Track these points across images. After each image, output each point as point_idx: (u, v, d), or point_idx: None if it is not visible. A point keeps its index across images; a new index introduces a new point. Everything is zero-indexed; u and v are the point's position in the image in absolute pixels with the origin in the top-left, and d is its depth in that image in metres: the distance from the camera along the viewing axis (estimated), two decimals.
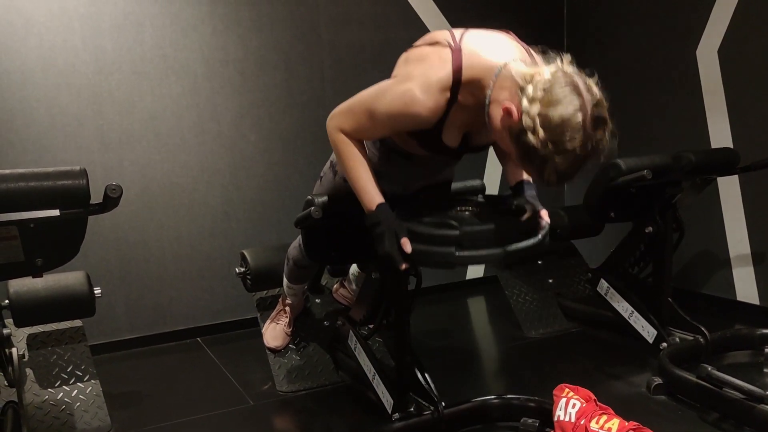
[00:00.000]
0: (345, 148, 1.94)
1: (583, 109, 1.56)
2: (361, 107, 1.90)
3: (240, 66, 3.47)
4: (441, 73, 1.76)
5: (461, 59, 1.76)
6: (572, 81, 1.59)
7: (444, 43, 1.80)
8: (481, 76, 1.75)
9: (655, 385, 2.59)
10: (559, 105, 1.55)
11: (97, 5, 3.13)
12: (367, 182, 1.92)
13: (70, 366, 2.56)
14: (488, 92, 1.73)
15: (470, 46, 1.79)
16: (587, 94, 1.58)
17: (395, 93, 1.80)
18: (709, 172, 3.01)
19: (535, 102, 1.56)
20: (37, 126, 3.08)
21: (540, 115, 1.56)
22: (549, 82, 1.58)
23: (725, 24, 3.39)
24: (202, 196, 3.45)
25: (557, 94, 1.56)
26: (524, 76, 1.62)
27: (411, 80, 1.79)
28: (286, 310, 2.87)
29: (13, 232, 1.81)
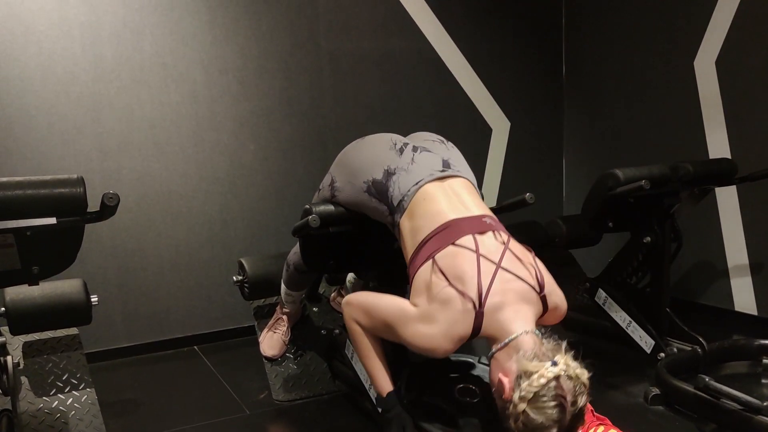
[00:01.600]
0: (358, 338, 2.09)
1: (561, 423, 1.72)
2: (379, 317, 2.01)
3: (239, 75, 3.48)
4: (463, 329, 1.87)
5: (482, 321, 1.86)
6: (562, 393, 1.71)
7: (468, 301, 1.86)
8: (496, 335, 1.88)
9: (652, 395, 2.58)
10: (541, 413, 1.70)
11: (96, 14, 3.15)
12: (378, 371, 2.08)
13: (66, 374, 2.54)
14: (495, 347, 1.87)
15: (493, 307, 1.87)
16: (570, 406, 1.72)
17: (419, 332, 1.90)
18: (707, 183, 3.01)
19: (524, 401, 1.72)
20: (35, 133, 3.08)
21: (523, 413, 1.72)
22: (543, 388, 1.71)
23: (722, 35, 3.40)
24: (201, 204, 3.46)
25: (544, 404, 1.71)
26: (525, 371, 1.74)
27: (434, 324, 1.88)
28: (284, 318, 2.87)
29: (9, 239, 1.80)
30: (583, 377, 1.77)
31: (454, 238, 1.96)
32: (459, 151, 2.33)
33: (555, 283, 2.05)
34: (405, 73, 3.90)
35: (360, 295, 2.12)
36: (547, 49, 4.35)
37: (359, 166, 2.23)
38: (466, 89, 4.08)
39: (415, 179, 2.10)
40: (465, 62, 4.05)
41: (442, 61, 3.99)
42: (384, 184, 2.13)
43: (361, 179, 2.19)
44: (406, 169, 2.14)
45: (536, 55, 4.31)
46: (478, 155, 4.14)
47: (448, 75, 4.02)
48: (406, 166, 2.15)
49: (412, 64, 3.91)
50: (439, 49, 3.98)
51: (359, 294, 2.14)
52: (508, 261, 1.95)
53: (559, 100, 4.41)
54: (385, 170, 2.15)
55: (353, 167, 2.25)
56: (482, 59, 4.11)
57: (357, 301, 2.08)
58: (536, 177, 4.39)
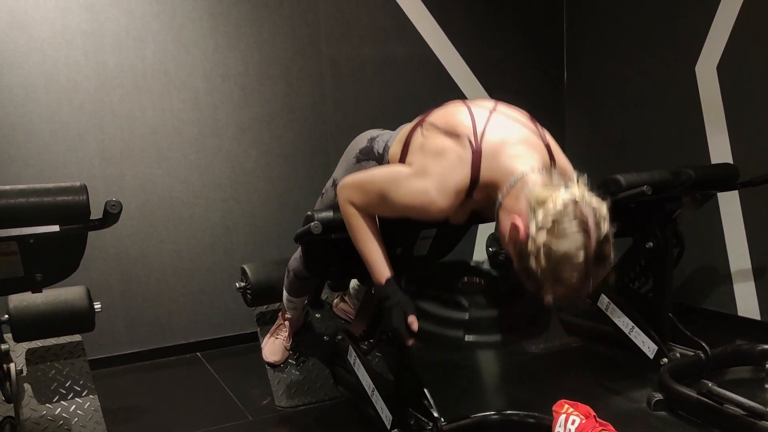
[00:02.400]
0: (354, 221, 1.96)
1: (587, 248, 1.57)
2: (373, 188, 1.91)
3: (241, 81, 3.48)
4: (459, 176, 1.77)
5: (480, 162, 1.76)
6: (582, 216, 1.57)
7: (464, 140, 1.79)
8: (498, 179, 1.76)
9: (655, 401, 2.58)
10: (565, 240, 1.56)
11: (99, 22, 3.16)
12: (376, 256, 1.94)
13: (69, 381, 2.55)
14: (500, 195, 1.74)
15: (491, 147, 1.78)
16: (595, 230, 1.58)
17: (411, 189, 1.81)
18: (709, 188, 3.01)
19: (543, 230, 1.57)
20: (38, 141, 3.09)
21: (545, 245, 1.56)
22: (559, 214, 1.57)
23: (724, 41, 3.41)
24: (203, 210, 3.46)
25: (565, 228, 1.56)
26: (537, 199, 1.61)
27: (428, 178, 1.79)
28: (286, 324, 2.87)
29: (12, 247, 1.81)
30: (602, 208, 1.62)
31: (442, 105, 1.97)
32: None
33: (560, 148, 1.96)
34: (406, 78, 3.90)
35: (355, 173, 2.03)
36: (548, 54, 4.36)
37: (349, 150, 2.28)
38: (467, 94, 4.09)
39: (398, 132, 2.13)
40: (466, 67, 4.06)
41: (443, 67, 4.00)
42: (370, 147, 2.16)
43: (352, 157, 2.23)
44: (387, 133, 2.19)
45: (537, 60, 4.31)
46: None
47: (449, 80, 4.03)
48: (388, 132, 2.20)
49: (413, 69, 3.92)
50: (440, 55, 3.98)
51: (354, 173, 2.04)
52: (503, 107, 1.90)
53: (560, 105, 4.42)
54: (369, 138, 2.20)
55: (345, 155, 2.31)
56: (483, 64, 4.11)
57: (351, 179, 1.99)
58: None
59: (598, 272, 1.61)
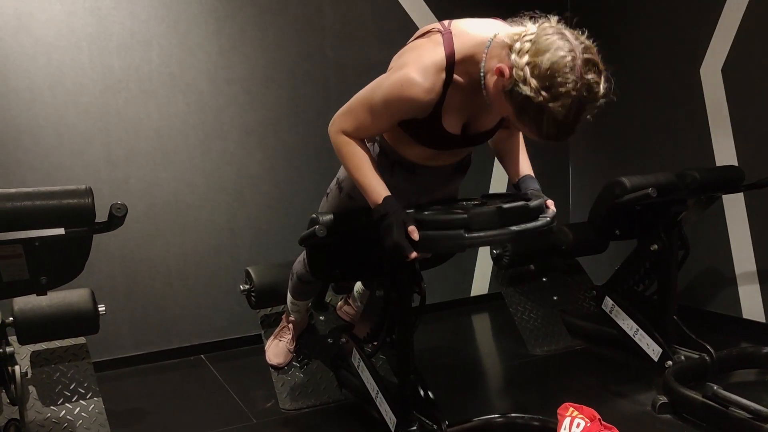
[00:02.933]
0: (348, 148, 1.95)
1: (572, 52, 1.58)
2: (359, 104, 1.93)
3: (246, 84, 3.49)
4: (435, 55, 1.79)
5: (453, 40, 1.80)
6: (559, 30, 1.61)
7: (434, 30, 1.85)
8: (474, 52, 1.78)
9: (660, 404, 2.57)
10: (547, 52, 1.57)
11: (104, 25, 3.17)
12: (372, 178, 1.93)
13: (73, 383, 2.56)
14: (482, 65, 1.76)
15: (460, 27, 1.84)
16: (575, 41, 1.60)
17: (391, 80, 1.83)
18: (714, 190, 3.01)
19: (524, 54, 1.59)
20: (44, 144, 3.11)
21: (529, 64, 1.58)
22: (535, 35, 1.61)
23: (728, 43, 3.41)
24: (208, 213, 3.47)
25: (544, 42, 1.59)
26: (512, 36, 1.65)
27: (406, 66, 1.82)
28: (290, 327, 2.87)
29: (18, 250, 1.82)
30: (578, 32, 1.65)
31: None
32: None
33: None
34: None
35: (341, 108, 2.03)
36: None
37: None
38: None
39: None
40: None
41: None
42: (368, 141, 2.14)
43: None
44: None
45: None
46: (483, 164, 4.15)
47: None
48: None
49: None
50: None
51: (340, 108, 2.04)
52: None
53: None
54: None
55: None
56: None
57: (338, 112, 2.00)
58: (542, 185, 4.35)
59: (591, 78, 1.61)
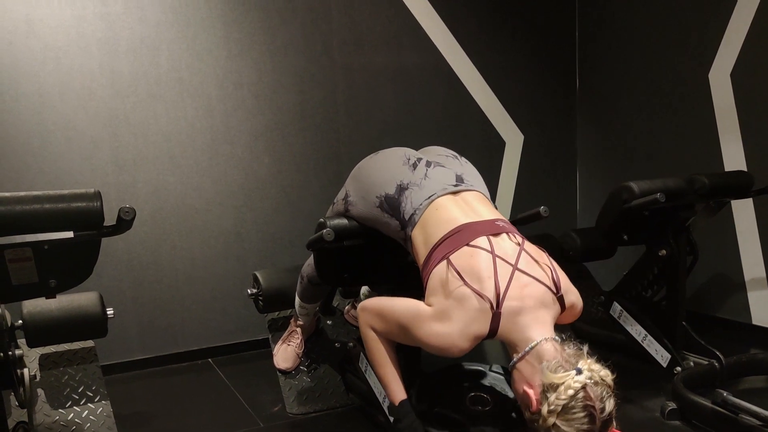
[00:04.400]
0: (373, 344, 2.08)
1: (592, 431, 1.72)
2: (394, 320, 2.01)
3: (254, 89, 3.50)
4: (479, 328, 1.87)
5: (500, 322, 1.86)
6: (590, 401, 1.71)
7: (485, 298, 1.86)
8: (514, 341, 1.88)
9: (669, 410, 2.56)
10: (573, 425, 1.70)
11: (114, 30, 3.19)
12: (392, 379, 2.07)
13: (81, 386, 2.56)
14: (515, 356, 1.87)
15: (510, 310, 1.87)
16: (599, 413, 1.72)
17: (433, 331, 1.89)
18: (723, 195, 2.99)
19: (553, 414, 1.72)
20: (53, 148, 3.12)
21: (554, 426, 1.72)
22: (570, 399, 1.71)
23: (737, 47, 3.39)
24: (216, 217, 3.48)
25: (573, 415, 1.71)
26: (551, 384, 1.74)
27: (450, 323, 1.87)
28: (298, 331, 2.87)
29: (27, 253, 1.82)
30: (608, 380, 1.77)
31: (468, 239, 1.96)
32: (473, 166, 2.33)
33: (569, 280, 2.03)
34: (418, 86, 3.91)
35: (375, 299, 2.12)
36: (561, 62, 4.35)
37: (372, 182, 2.24)
38: (480, 103, 4.09)
39: (428, 194, 2.11)
40: (479, 76, 4.06)
41: (456, 75, 4.01)
42: (396, 200, 2.14)
43: (374, 194, 2.20)
44: (419, 184, 2.15)
45: (550, 68, 4.31)
46: (491, 169, 4.14)
47: (461, 89, 4.03)
48: (419, 181, 2.16)
49: (425, 78, 3.92)
50: (453, 63, 3.99)
51: (374, 299, 2.13)
52: (524, 262, 1.94)
53: (572, 112, 4.41)
54: (397, 185, 2.17)
55: (367, 182, 2.26)
56: (496, 73, 4.11)
57: (372, 305, 2.08)
58: (550, 190, 4.38)
59: None
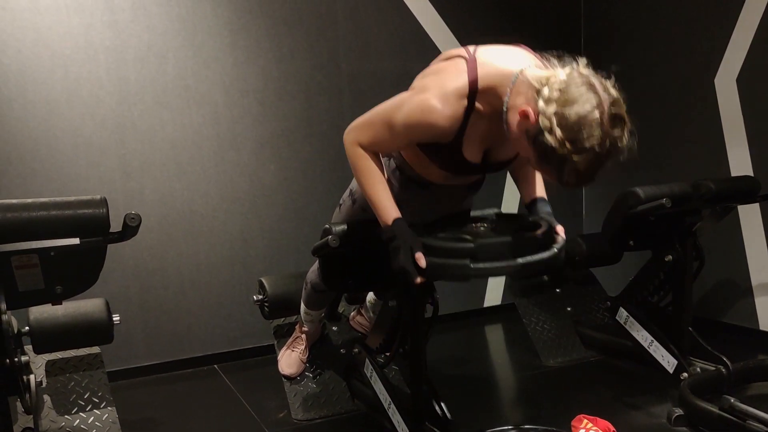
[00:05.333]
0: (362, 162, 1.94)
1: (600, 107, 1.57)
2: (378, 119, 1.92)
3: (260, 96, 3.52)
4: (457, 82, 1.79)
5: (477, 68, 1.79)
6: (588, 81, 1.60)
7: (459, 58, 1.84)
8: (498, 84, 1.77)
9: (675, 416, 2.54)
10: (576, 104, 1.56)
11: (121, 38, 3.21)
12: (383, 197, 1.93)
13: (87, 393, 2.57)
14: (505, 99, 1.74)
15: (485, 56, 1.83)
16: (604, 93, 1.59)
17: (413, 103, 1.82)
18: (730, 201, 2.98)
19: (551, 102, 1.58)
20: (61, 155, 3.14)
21: (556, 114, 1.57)
22: (564, 83, 1.59)
23: (744, 52, 3.38)
24: (222, 224, 3.49)
25: (573, 93, 1.57)
26: (540, 79, 1.64)
27: (428, 90, 1.81)
28: (303, 337, 2.88)
29: (33, 260, 1.84)
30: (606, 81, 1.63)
31: None
32: None
33: None
34: None
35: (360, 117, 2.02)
36: None
37: None
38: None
39: None
40: None
41: None
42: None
43: None
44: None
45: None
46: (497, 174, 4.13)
47: None
48: None
49: None
50: None
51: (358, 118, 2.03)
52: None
53: None
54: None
55: None
56: None
57: (356, 121, 1.98)
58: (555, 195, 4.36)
59: (616, 133, 1.60)
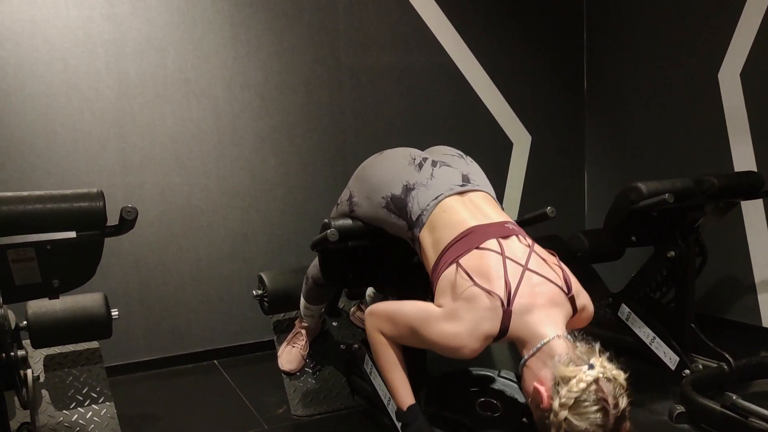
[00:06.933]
0: (381, 349, 2.04)
1: (605, 426, 1.66)
2: (403, 322, 1.98)
3: (260, 90, 3.50)
4: (489, 326, 1.84)
5: (510, 321, 1.84)
6: (602, 396, 1.66)
7: (495, 295, 1.83)
8: (525, 338, 1.84)
9: (677, 413, 2.53)
10: (585, 419, 1.65)
11: (121, 31, 3.19)
12: (400, 384, 2.04)
13: (86, 388, 2.56)
14: (526, 354, 1.83)
15: (521, 307, 1.84)
16: (613, 409, 1.67)
17: (443, 331, 1.87)
18: (733, 196, 2.97)
19: (564, 408, 1.67)
20: (60, 149, 3.13)
21: (566, 421, 1.67)
22: (581, 393, 1.66)
23: (747, 48, 3.36)
24: (222, 218, 3.47)
25: (586, 409, 1.66)
26: (563, 377, 1.70)
27: (459, 323, 1.85)
28: (303, 332, 2.86)
29: (30, 253, 1.83)
30: (620, 378, 1.72)
31: (477, 242, 1.94)
32: (478, 166, 2.32)
33: (580, 284, 2.00)
34: (425, 87, 3.90)
35: (383, 303, 2.10)
36: (569, 63, 4.33)
37: (377, 182, 2.22)
38: (487, 103, 4.07)
39: (435, 194, 2.10)
40: (485, 76, 4.05)
41: (463, 76, 3.99)
42: (403, 200, 2.12)
43: (380, 195, 2.18)
44: (425, 184, 2.13)
45: (557, 69, 4.29)
46: (498, 169, 4.12)
47: (468, 89, 4.01)
48: (425, 181, 2.14)
49: (432, 78, 3.91)
50: (460, 64, 3.97)
51: (383, 303, 2.11)
52: (534, 263, 1.92)
53: (580, 113, 4.38)
54: (404, 186, 2.15)
55: (371, 183, 2.24)
56: (503, 73, 4.10)
57: (380, 309, 2.06)
58: (558, 191, 4.35)
59: None
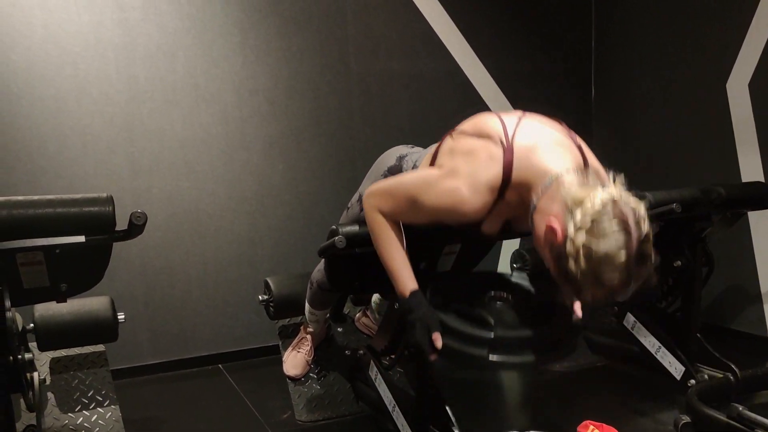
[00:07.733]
0: (381, 229, 1.91)
1: (629, 247, 1.52)
2: (402, 193, 1.88)
3: (269, 95, 3.51)
4: (490, 173, 1.73)
5: (512, 160, 1.72)
6: (621, 215, 1.53)
7: (495, 140, 1.76)
8: (531, 180, 1.71)
9: (682, 423, 2.52)
10: (605, 239, 1.51)
11: (131, 36, 3.21)
12: (401, 267, 1.89)
13: (91, 391, 2.57)
14: (535, 198, 1.68)
15: (523, 146, 1.75)
16: (635, 229, 1.53)
17: (442, 189, 1.77)
18: (740, 207, 2.95)
19: (581, 231, 1.52)
20: (69, 153, 3.14)
21: (584, 246, 1.51)
22: (598, 213, 1.52)
23: (756, 58, 3.36)
24: (229, 223, 3.49)
25: (605, 227, 1.51)
26: (575, 199, 1.57)
27: (458, 177, 1.75)
28: (308, 338, 2.87)
29: (38, 257, 1.83)
30: (640, 208, 1.57)
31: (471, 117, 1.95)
32: None
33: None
34: (433, 93, 3.91)
35: (382, 181, 2.01)
36: (576, 70, 4.33)
37: (378, 167, 2.28)
38: (494, 109, 4.06)
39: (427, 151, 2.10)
40: (493, 83, 4.05)
41: (470, 82, 3.99)
42: (398, 165, 2.16)
43: (379, 174, 2.22)
44: (418, 151, 2.18)
45: (565, 76, 4.29)
46: None
47: (476, 96, 4.02)
48: (418, 150, 2.20)
49: (440, 85, 3.92)
50: (467, 70, 3.98)
51: (381, 180, 2.02)
52: (532, 114, 1.89)
53: (587, 121, 4.38)
54: (398, 156, 2.20)
55: (374, 171, 2.30)
56: (510, 80, 4.10)
57: (378, 186, 1.96)
58: None
59: (640, 272, 1.56)
